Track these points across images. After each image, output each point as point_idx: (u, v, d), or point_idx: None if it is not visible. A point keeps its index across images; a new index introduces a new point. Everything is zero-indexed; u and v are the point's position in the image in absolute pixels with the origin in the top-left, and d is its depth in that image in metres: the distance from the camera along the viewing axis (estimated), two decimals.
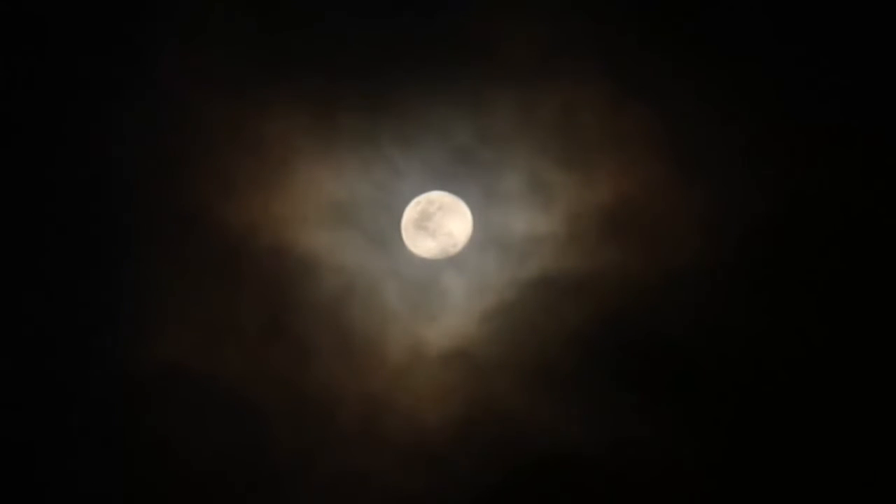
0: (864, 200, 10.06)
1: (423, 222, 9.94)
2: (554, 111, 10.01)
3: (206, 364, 9.83)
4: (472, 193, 10.06)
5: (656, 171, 10.03)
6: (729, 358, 10.06)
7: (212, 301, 9.89)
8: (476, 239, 10.09)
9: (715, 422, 10.03)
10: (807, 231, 10.07)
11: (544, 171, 10.00)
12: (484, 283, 10.12)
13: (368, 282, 10.02)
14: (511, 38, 9.96)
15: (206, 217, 9.83)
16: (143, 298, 9.82)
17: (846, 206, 10.05)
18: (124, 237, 9.83)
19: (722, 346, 10.05)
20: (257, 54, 9.87)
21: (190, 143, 9.82)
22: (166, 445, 9.82)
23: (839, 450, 9.96)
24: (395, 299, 10.05)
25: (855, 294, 10.05)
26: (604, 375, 10.05)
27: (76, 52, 9.85)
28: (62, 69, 9.87)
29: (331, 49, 9.90)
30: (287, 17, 9.96)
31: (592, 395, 10.02)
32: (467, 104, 9.94)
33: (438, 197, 10.00)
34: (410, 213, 9.95)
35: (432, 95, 9.89)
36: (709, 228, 10.05)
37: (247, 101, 9.82)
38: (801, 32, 10.10)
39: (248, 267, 9.89)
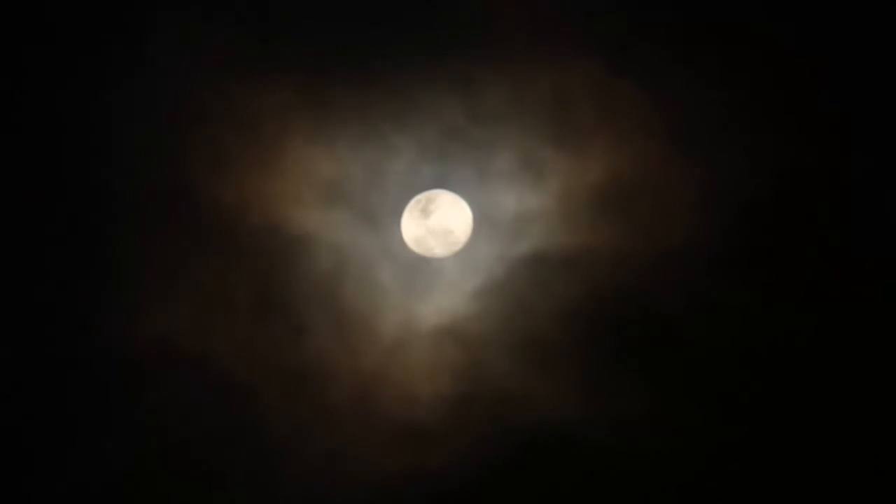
0: (861, 177, 10.04)
1: (424, 221, 9.97)
2: (546, 89, 10.01)
3: (197, 341, 9.87)
4: (465, 172, 10.07)
5: (650, 148, 10.02)
6: (724, 334, 10.06)
7: (204, 278, 9.93)
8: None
9: (710, 399, 10.04)
10: (803, 207, 10.06)
11: (537, 149, 10.01)
12: (476, 260, 10.14)
13: (361, 259, 10.04)
14: (502, 15, 9.97)
15: (197, 194, 9.86)
16: (134, 275, 9.85)
17: (843, 182, 10.03)
18: (115, 214, 9.86)
19: (717, 323, 10.04)
20: (250, 31, 9.90)
21: (182, 121, 9.85)
22: (158, 422, 9.86)
23: (838, 426, 9.96)
24: (387, 277, 10.08)
25: (852, 271, 10.03)
26: (598, 352, 10.06)
27: (70, 27, 9.87)
28: (55, 44, 9.90)
29: (322, 27, 9.93)
30: None
31: (586, 372, 10.03)
32: (459, 82, 9.93)
33: (438, 195, 10.03)
34: (411, 211, 9.98)
35: (424, 74, 9.90)
36: (704, 205, 10.04)
37: (239, 78, 9.85)
38: (796, 8, 10.09)
39: (240, 244, 9.93)
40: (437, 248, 10.04)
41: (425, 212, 9.99)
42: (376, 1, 9.96)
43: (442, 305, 10.10)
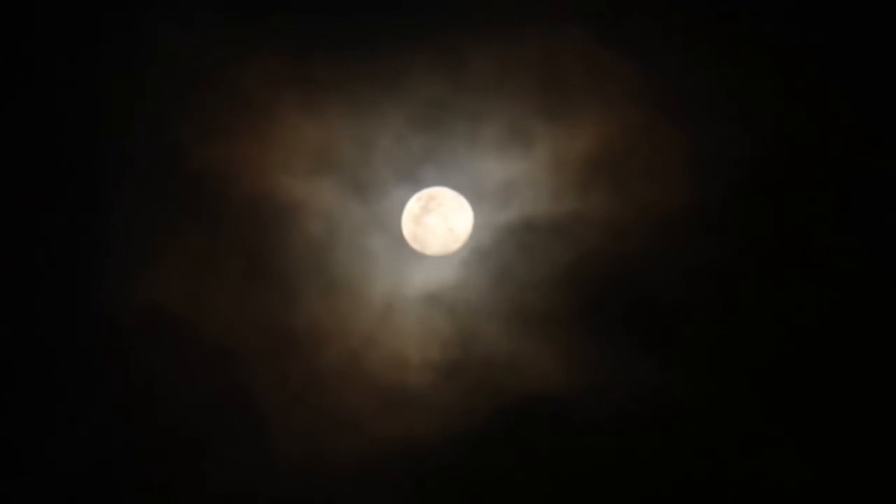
0: (854, 141, 10.00)
1: (424, 219, 10.05)
2: (535, 58, 10.07)
3: (188, 307, 9.97)
4: (454, 141, 10.14)
5: (638, 116, 10.05)
6: (713, 301, 10.04)
7: (195, 245, 10.04)
8: (458, 185, 10.19)
9: (700, 366, 10.02)
10: (795, 173, 10.03)
11: (525, 118, 10.06)
12: (466, 229, 10.20)
13: (350, 227, 10.13)
14: None
15: (189, 162, 9.99)
16: (125, 242, 9.96)
17: (836, 146, 9.99)
18: (106, 181, 9.99)
19: (706, 290, 10.03)
20: (241, 1, 10.04)
21: (173, 90, 9.99)
22: (148, 389, 9.95)
23: (833, 391, 9.91)
24: (376, 244, 10.16)
25: (847, 235, 9.98)
26: (586, 320, 10.08)
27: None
28: (52, 16, 10.03)
29: None
30: None
31: (574, 340, 10.05)
32: (447, 52, 10.02)
33: (440, 192, 10.11)
34: (411, 209, 10.06)
35: (413, 44, 9.98)
36: (692, 172, 10.05)
37: (230, 48, 9.97)
38: None
39: (231, 212, 10.03)
40: (436, 246, 10.11)
41: (426, 209, 10.07)
42: None
43: (431, 272, 10.17)
